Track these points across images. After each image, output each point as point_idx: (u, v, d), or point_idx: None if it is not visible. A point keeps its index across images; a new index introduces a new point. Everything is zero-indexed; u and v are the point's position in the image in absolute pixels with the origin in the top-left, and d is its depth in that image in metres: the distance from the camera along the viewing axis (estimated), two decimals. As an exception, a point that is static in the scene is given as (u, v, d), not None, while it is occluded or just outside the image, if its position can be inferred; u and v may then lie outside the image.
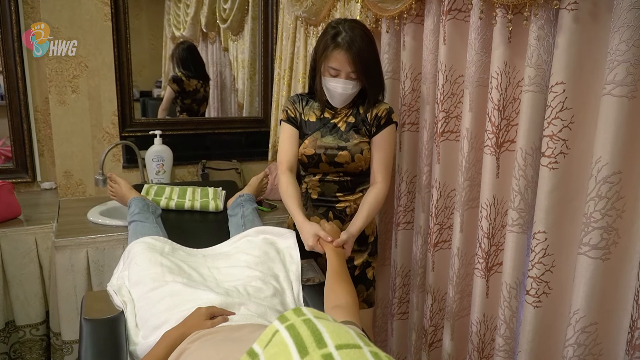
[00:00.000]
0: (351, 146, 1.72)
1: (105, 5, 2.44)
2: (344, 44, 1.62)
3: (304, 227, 1.62)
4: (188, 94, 2.90)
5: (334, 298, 1.29)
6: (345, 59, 1.62)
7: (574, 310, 1.22)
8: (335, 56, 1.63)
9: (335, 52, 1.63)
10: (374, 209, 1.70)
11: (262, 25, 2.90)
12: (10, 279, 2.07)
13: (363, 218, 1.68)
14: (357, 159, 1.72)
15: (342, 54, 1.62)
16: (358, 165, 1.74)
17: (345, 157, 1.72)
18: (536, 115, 1.31)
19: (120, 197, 2.15)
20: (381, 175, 1.73)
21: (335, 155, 1.73)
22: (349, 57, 1.61)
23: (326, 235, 1.56)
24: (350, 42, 1.61)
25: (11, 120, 2.49)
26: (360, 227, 1.67)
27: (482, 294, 1.54)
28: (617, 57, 1.09)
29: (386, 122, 1.73)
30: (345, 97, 1.71)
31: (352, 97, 1.73)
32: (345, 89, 1.67)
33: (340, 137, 1.74)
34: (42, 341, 2.18)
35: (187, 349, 1.04)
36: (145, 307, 1.35)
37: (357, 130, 1.74)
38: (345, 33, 1.62)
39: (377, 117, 1.73)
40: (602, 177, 1.14)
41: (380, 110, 1.73)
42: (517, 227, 1.39)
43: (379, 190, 1.72)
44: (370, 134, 1.74)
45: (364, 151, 1.73)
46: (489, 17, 1.42)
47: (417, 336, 1.91)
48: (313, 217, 1.80)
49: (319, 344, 0.65)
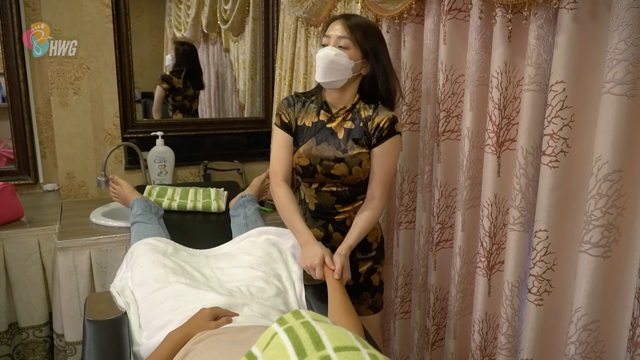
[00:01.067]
0: (349, 158, 1.59)
1: (106, 7, 2.45)
2: (342, 15, 1.60)
3: (310, 246, 1.54)
4: (178, 91, 2.90)
5: None
6: (339, 25, 1.55)
7: (575, 308, 1.22)
8: (332, 25, 1.58)
9: (332, 23, 1.58)
10: (367, 227, 1.62)
11: (263, 26, 2.90)
12: (13, 280, 2.08)
13: (355, 236, 1.59)
14: (355, 172, 1.60)
15: (337, 21, 1.57)
16: (356, 177, 1.62)
17: (342, 169, 1.60)
18: (536, 114, 1.31)
19: (123, 199, 2.15)
20: (379, 191, 1.62)
21: (332, 167, 1.61)
22: (343, 22, 1.55)
23: (330, 262, 1.49)
24: (350, 15, 1.61)
25: (13, 122, 2.50)
26: (350, 246, 1.58)
27: (484, 292, 1.54)
28: (616, 55, 1.09)
29: (388, 134, 1.58)
30: (327, 64, 1.53)
31: (339, 75, 1.55)
32: (328, 53, 1.53)
33: (337, 147, 1.61)
34: (45, 343, 2.19)
35: (191, 350, 1.04)
36: (148, 308, 1.36)
37: (356, 141, 1.60)
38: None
39: (378, 127, 1.58)
40: (602, 175, 1.14)
41: (382, 120, 1.58)
42: (518, 226, 1.39)
43: (375, 207, 1.62)
44: (370, 144, 1.61)
45: (363, 162, 1.60)
46: (488, 17, 1.42)
47: (419, 335, 1.92)
48: (312, 229, 1.68)
49: (317, 346, 0.65)
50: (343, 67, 1.54)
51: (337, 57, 1.53)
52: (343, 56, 1.54)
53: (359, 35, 1.54)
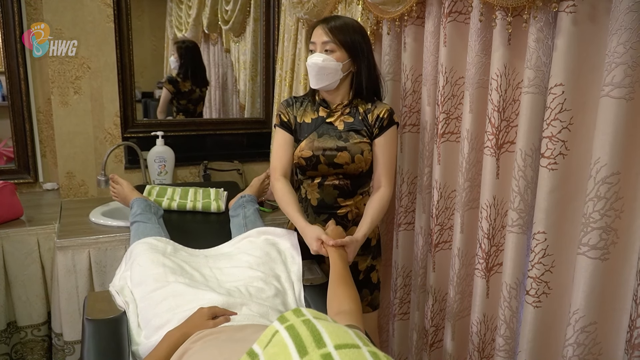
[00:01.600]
0: (351, 146, 1.66)
1: (107, 6, 2.45)
2: (321, 20, 1.68)
3: (306, 232, 1.60)
4: (183, 95, 2.90)
5: (337, 304, 1.28)
6: (321, 30, 1.64)
7: (573, 310, 1.22)
8: (315, 32, 1.66)
9: (315, 29, 1.67)
10: (378, 214, 1.67)
11: (264, 27, 2.91)
12: (12, 279, 2.08)
13: (368, 224, 1.64)
14: (357, 160, 1.67)
15: (318, 27, 1.66)
16: (358, 166, 1.68)
17: (345, 157, 1.66)
18: (535, 116, 1.32)
19: (123, 198, 2.15)
20: (385, 179, 1.69)
21: (335, 156, 1.67)
22: (324, 27, 1.64)
23: (328, 238, 1.53)
24: (328, 18, 1.67)
25: (13, 121, 2.51)
26: (365, 233, 1.63)
27: (482, 294, 1.55)
28: (615, 59, 1.09)
29: (389, 124, 1.68)
30: (318, 70, 1.63)
31: (330, 78, 1.65)
32: (317, 60, 1.62)
33: (339, 137, 1.68)
34: (43, 342, 2.19)
35: (189, 349, 1.05)
36: (147, 308, 1.36)
37: (357, 131, 1.69)
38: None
39: (379, 118, 1.68)
40: (601, 177, 1.14)
41: (381, 112, 1.68)
42: (517, 228, 1.39)
43: (383, 195, 1.68)
44: (372, 135, 1.70)
45: (365, 152, 1.67)
46: (488, 20, 1.43)
47: (418, 336, 1.92)
48: (315, 225, 1.66)
49: (318, 344, 0.65)
50: (333, 70, 1.64)
51: (325, 63, 1.62)
52: (330, 60, 1.63)
53: (341, 36, 1.62)
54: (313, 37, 1.66)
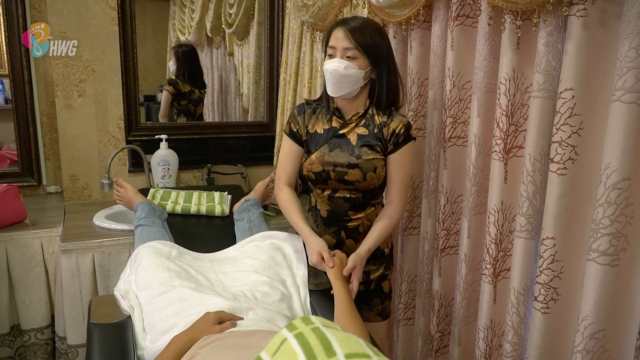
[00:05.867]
0: (363, 162, 1.58)
1: (112, 10, 2.45)
2: (341, 21, 1.57)
3: (309, 242, 1.57)
4: (184, 95, 2.91)
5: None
6: (342, 34, 1.52)
7: (582, 316, 1.21)
8: (334, 34, 1.55)
9: (334, 31, 1.55)
10: (387, 230, 1.63)
11: (268, 30, 2.91)
12: (15, 282, 2.07)
13: (374, 240, 1.60)
14: (370, 178, 1.59)
15: (339, 29, 1.54)
16: (370, 183, 1.60)
17: (356, 175, 1.58)
18: (545, 121, 1.31)
19: (127, 202, 2.15)
20: (398, 196, 1.63)
21: (345, 173, 1.59)
22: (345, 30, 1.52)
23: (329, 259, 1.50)
24: (348, 19, 1.56)
25: (17, 124, 2.50)
26: (369, 249, 1.58)
27: (489, 299, 1.54)
28: (626, 63, 1.09)
29: (405, 139, 1.59)
30: (338, 78, 1.53)
31: (351, 86, 1.55)
32: (337, 67, 1.51)
33: (351, 153, 1.59)
34: (47, 345, 2.18)
35: (196, 354, 1.04)
36: (152, 312, 1.35)
37: (370, 147, 1.59)
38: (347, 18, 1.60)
39: (394, 133, 1.58)
40: (611, 183, 1.14)
41: (397, 126, 1.58)
42: (525, 233, 1.39)
43: (394, 212, 1.63)
44: (386, 150, 1.61)
45: (378, 169, 1.59)
46: (497, 23, 1.42)
47: (423, 342, 1.91)
48: (325, 236, 1.69)
49: (328, 352, 0.64)
50: (354, 78, 1.54)
51: (347, 70, 1.52)
52: (352, 67, 1.53)
53: (363, 41, 1.51)
54: (332, 41, 1.55)
